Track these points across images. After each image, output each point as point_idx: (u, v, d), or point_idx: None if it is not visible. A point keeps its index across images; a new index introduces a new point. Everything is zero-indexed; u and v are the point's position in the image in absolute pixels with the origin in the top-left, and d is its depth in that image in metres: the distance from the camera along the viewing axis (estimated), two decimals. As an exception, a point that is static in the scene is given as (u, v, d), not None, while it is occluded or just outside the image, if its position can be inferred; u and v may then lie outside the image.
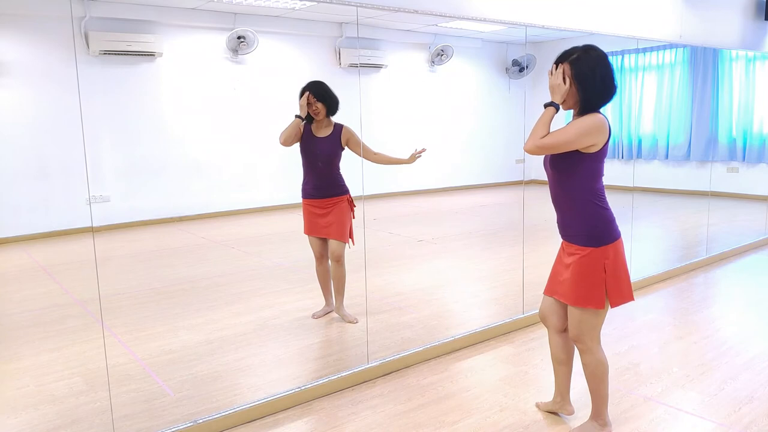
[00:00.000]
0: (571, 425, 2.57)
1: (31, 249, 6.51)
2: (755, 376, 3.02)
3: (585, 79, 2.23)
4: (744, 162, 9.15)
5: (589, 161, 2.27)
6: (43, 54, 7.06)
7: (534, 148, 2.28)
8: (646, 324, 3.80)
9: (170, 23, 7.94)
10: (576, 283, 2.35)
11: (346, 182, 3.87)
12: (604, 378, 2.42)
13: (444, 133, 10.83)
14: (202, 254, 6.21)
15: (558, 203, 2.41)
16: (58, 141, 7.14)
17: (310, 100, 3.65)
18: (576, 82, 2.24)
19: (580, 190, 2.31)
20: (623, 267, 2.36)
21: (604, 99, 2.28)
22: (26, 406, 2.86)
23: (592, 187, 2.31)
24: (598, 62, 2.24)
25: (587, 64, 2.24)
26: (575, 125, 2.22)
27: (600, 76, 2.23)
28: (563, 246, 2.46)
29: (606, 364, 2.42)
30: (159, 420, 2.69)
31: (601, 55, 2.27)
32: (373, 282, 4.60)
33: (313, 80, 3.71)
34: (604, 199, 2.34)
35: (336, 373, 3.04)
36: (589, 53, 2.25)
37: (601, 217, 2.31)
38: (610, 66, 2.27)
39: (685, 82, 9.59)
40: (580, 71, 2.23)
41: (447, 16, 3.45)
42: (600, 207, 2.32)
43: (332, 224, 3.77)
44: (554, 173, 2.37)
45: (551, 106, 2.31)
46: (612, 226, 2.33)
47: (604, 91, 2.26)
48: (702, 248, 5.77)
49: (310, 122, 3.76)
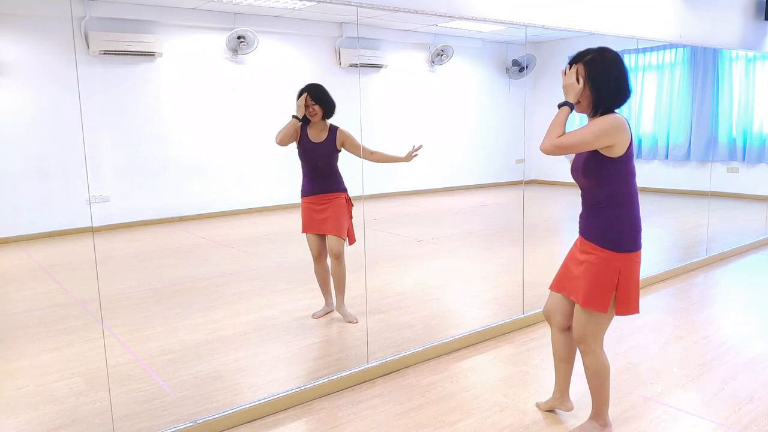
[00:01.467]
0: (570, 425, 2.57)
1: (31, 249, 6.51)
2: (755, 376, 3.02)
3: (598, 80, 2.22)
4: (744, 162, 9.15)
5: (616, 165, 2.24)
6: (43, 54, 7.06)
7: (551, 147, 2.24)
8: (646, 324, 3.80)
9: (170, 23, 7.94)
10: (587, 283, 2.33)
11: (347, 183, 3.88)
12: (605, 380, 2.42)
13: (444, 133, 10.83)
14: (202, 254, 6.21)
15: (588, 202, 2.37)
16: (58, 141, 7.14)
17: (308, 101, 3.66)
18: (589, 83, 2.23)
19: (611, 195, 2.28)
20: (636, 279, 2.34)
21: (618, 101, 2.26)
22: (26, 406, 2.86)
23: (624, 191, 2.27)
24: (612, 64, 2.24)
25: (601, 65, 2.23)
26: (593, 125, 2.20)
27: (614, 77, 2.23)
28: (579, 242, 2.42)
29: (608, 366, 2.42)
30: (159, 420, 2.69)
31: (616, 57, 2.26)
32: (373, 282, 4.60)
33: (311, 82, 3.72)
34: (636, 205, 2.30)
35: (336, 373, 3.04)
36: (603, 54, 2.25)
37: (627, 222, 2.28)
38: (625, 68, 2.26)
39: (685, 82, 9.59)
40: (594, 72, 2.23)
41: (447, 16, 3.45)
42: (628, 212, 2.28)
43: (329, 219, 3.78)
44: (586, 181, 2.33)
45: (565, 106, 2.29)
46: (636, 235, 2.30)
47: (618, 92, 2.24)
48: (702, 248, 5.77)
49: (307, 123, 3.77)
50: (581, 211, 2.42)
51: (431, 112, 10.67)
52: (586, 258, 2.35)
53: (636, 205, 2.31)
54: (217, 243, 6.73)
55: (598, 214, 2.32)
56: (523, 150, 10.31)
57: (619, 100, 2.26)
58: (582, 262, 2.37)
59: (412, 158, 3.72)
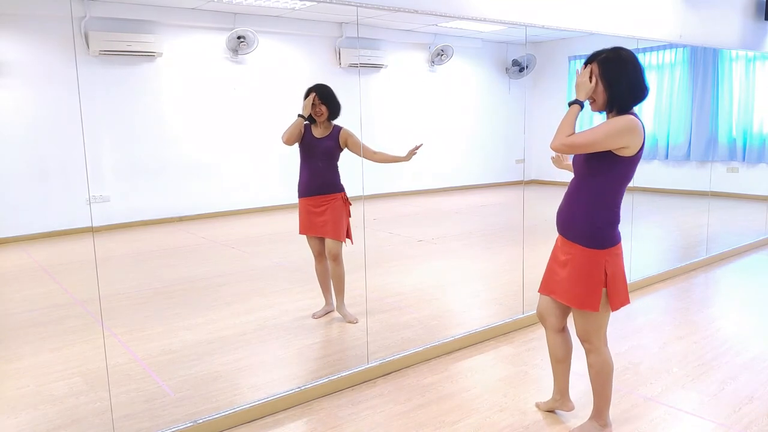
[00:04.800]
0: (571, 425, 2.57)
1: (31, 249, 6.51)
2: (755, 376, 3.02)
3: (612, 78, 2.23)
4: (744, 162, 9.15)
5: (622, 165, 2.25)
6: (43, 54, 7.06)
7: (561, 146, 2.25)
8: (646, 324, 3.80)
9: (170, 23, 7.94)
10: (573, 284, 2.33)
11: (347, 183, 3.88)
12: (608, 379, 2.42)
13: (444, 133, 10.83)
14: (202, 254, 6.21)
15: (573, 198, 2.37)
16: (58, 141, 7.13)
17: (315, 101, 3.68)
18: (604, 82, 2.24)
19: (602, 194, 2.28)
20: (621, 270, 2.35)
21: (634, 100, 2.25)
22: (26, 406, 2.86)
23: (616, 191, 2.29)
24: (626, 62, 2.24)
25: (616, 63, 2.24)
26: (605, 125, 2.20)
27: (628, 76, 2.23)
28: (559, 242, 2.43)
29: (611, 364, 2.42)
30: (159, 420, 2.69)
31: (630, 56, 2.26)
32: (373, 282, 4.59)
33: (320, 83, 3.75)
34: (619, 205, 2.32)
35: (336, 373, 3.04)
36: (618, 53, 2.26)
37: (608, 220, 2.29)
38: (640, 67, 2.27)
39: (685, 82, 9.59)
40: (608, 71, 2.23)
41: (447, 16, 3.45)
42: (612, 212, 2.29)
43: (327, 222, 3.78)
44: (584, 171, 2.33)
45: (576, 104, 2.30)
46: (616, 229, 2.32)
47: (632, 91, 2.24)
48: (702, 248, 5.77)
49: (312, 123, 3.79)
50: (561, 205, 2.41)
51: (431, 112, 10.67)
52: (569, 258, 2.35)
53: (619, 205, 2.33)
54: (217, 243, 6.73)
55: (579, 209, 2.32)
56: (523, 150, 10.28)
57: (635, 98, 2.25)
58: (566, 263, 2.37)
59: (411, 157, 3.73)
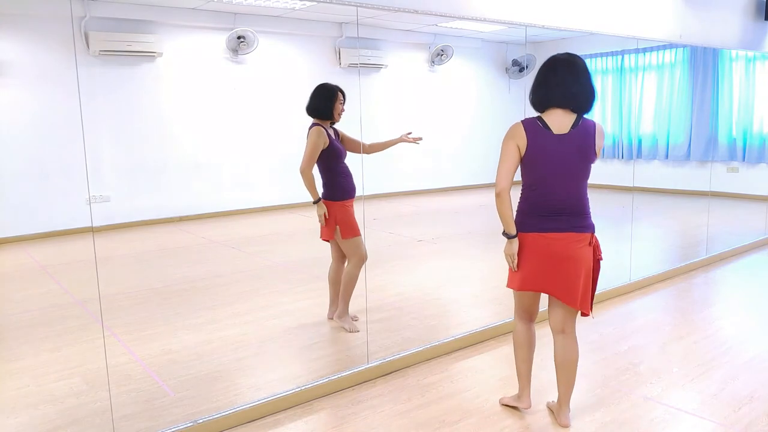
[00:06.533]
0: (573, 424, 2.56)
1: (31, 249, 6.51)
2: (755, 376, 3.02)
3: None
4: (744, 162, 9.14)
5: None
6: (43, 54, 7.06)
7: (502, 190, 2.72)
8: (646, 324, 3.80)
9: (170, 23, 7.94)
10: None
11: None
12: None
13: (444, 133, 10.82)
14: (202, 254, 6.21)
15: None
16: (58, 141, 7.13)
17: (341, 99, 3.64)
18: None
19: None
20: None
21: (537, 104, 2.57)
22: (26, 406, 2.86)
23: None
24: (541, 68, 2.61)
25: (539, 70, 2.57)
26: None
27: (535, 81, 2.58)
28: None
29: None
30: (159, 420, 2.69)
31: (547, 62, 2.61)
32: (373, 282, 4.59)
33: (334, 84, 3.66)
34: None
35: (336, 373, 3.04)
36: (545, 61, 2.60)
37: None
38: (548, 72, 2.57)
39: (685, 82, 9.59)
40: None
41: (447, 16, 3.45)
42: None
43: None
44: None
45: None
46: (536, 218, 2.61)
47: (534, 95, 2.59)
48: (702, 248, 5.77)
49: (331, 125, 3.71)
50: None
51: (431, 112, 10.66)
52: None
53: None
54: (217, 243, 6.73)
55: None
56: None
57: (537, 102, 2.54)
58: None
59: (406, 139, 3.72)
